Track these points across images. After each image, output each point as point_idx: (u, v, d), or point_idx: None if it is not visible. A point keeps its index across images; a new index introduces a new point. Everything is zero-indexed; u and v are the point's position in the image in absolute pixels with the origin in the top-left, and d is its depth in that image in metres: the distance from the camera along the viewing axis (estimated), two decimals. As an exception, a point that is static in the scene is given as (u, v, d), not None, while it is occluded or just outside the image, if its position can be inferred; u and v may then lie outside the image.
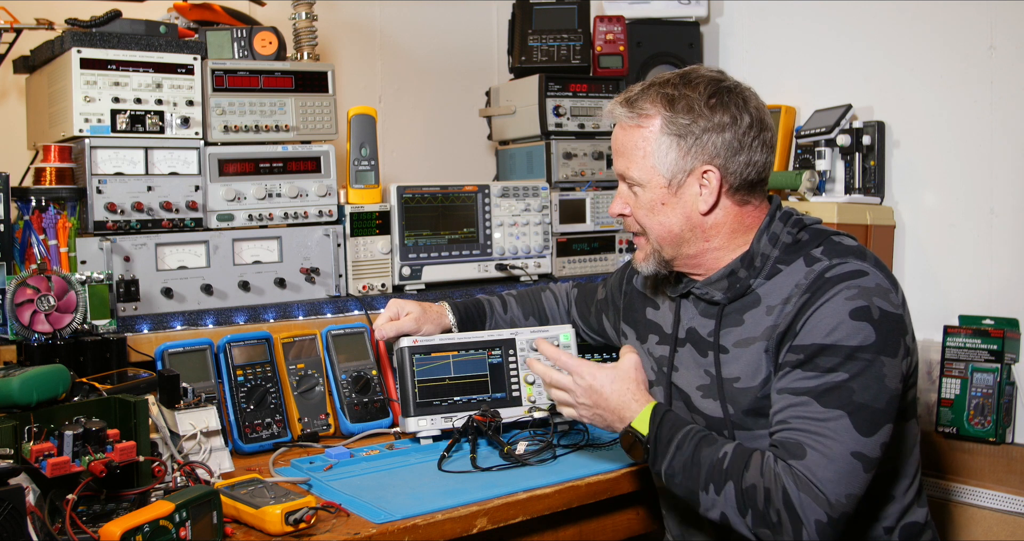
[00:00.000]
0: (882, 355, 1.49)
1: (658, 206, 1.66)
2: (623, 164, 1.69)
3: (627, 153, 1.68)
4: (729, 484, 1.50)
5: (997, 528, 2.31)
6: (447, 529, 1.56)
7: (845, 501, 1.44)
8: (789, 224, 1.68)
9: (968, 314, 2.50)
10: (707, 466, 1.53)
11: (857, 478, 1.46)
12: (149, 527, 1.26)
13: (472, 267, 2.62)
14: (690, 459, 1.55)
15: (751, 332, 1.63)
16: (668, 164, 1.63)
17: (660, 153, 1.63)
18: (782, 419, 1.52)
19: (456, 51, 3.44)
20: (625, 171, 1.69)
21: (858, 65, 2.81)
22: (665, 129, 1.63)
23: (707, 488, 1.52)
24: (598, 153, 2.95)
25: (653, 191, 1.66)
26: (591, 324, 2.18)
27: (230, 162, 2.29)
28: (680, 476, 1.56)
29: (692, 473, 1.54)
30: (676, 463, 1.56)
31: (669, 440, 1.58)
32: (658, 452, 1.59)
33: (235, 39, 2.34)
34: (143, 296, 2.12)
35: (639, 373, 1.71)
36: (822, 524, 1.43)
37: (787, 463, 1.47)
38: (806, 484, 1.44)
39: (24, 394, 1.42)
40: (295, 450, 1.97)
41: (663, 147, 1.63)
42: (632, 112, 1.66)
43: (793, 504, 1.44)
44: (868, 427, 1.47)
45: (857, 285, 1.53)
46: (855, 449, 1.46)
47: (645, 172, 1.66)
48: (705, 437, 1.58)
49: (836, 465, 1.45)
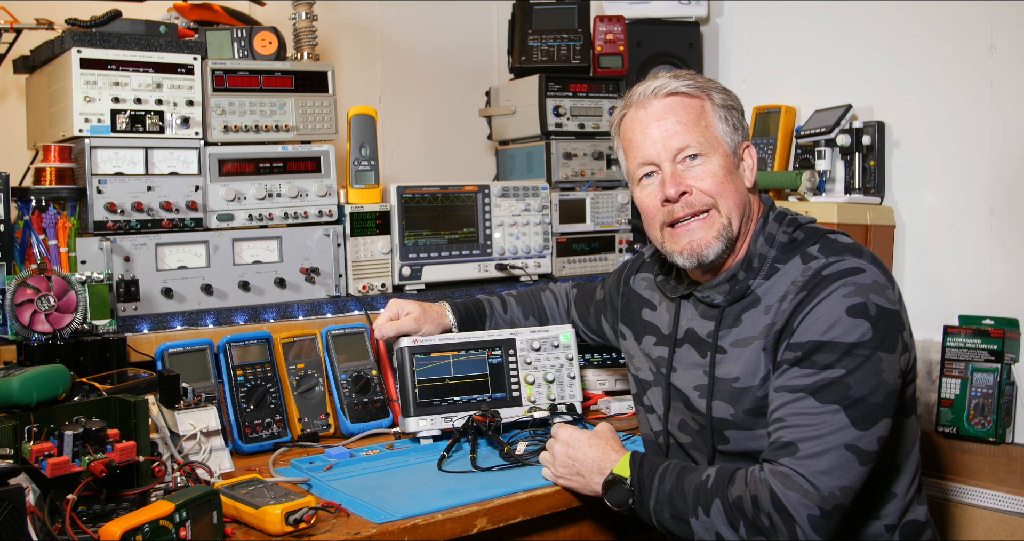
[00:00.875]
0: (880, 351, 1.50)
1: (729, 173, 1.67)
2: (686, 136, 1.66)
3: (689, 124, 1.66)
4: (716, 502, 1.50)
5: (997, 528, 2.31)
6: (447, 529, 1.56)
7: (839, 493, 1.44)
8: (784, 224, 1.69)
9: (968, 314, 2.50)
10: (692, 491, 1.53)
11: (851, 471, 1.45)
12: (149, 527, 1.26)
13: (472, 267, 2.62)
14: (674, 488, 1.56)
15: (749, 332, 1.63)
16: (728, 134, 1.69)
17: (722, 124, 1.68)
18: (779, 417, 1.52)
19: (456, 51, 3.44)
20: (691, 141, 1.66)
21: (858, 65, 2.80)
22: (721, 101, 1.69)
23: (696, 512, 1.52)
24: (598, 153, 2.95)
25: (722, 158, 1.67)
26: (590, 324, 2.19)
27: (230, 162, 2.29)
28: (668, 509, 1.56)
29: (679, 502, 1.55)
30: (661, 496, 1.57)
31: (651, 477, 1.59)
32: (643, 492, 1.60)
33: (235, 39, 2.34)
34: (143, 296, 2.12)
35: (614, 435, 1.76)
36: (815, 518, 1.43)
37: (773, 464, 1.48)
38: (793, 482, 1.44)
39: (24, 394, 1.42)
40: (295, 450, 1.97)
41: (720, 118, 1.68)
42: (686, 85, 1.68)
43: (782, 503, 1.44)
44: (864, 421, 1.47)
45: (854, 282, 1.53)
46: (849, 442, 1.46)
47: (712, 140, 1.67)
48: (685, 467, 1.59)
49: (829, 457, 1.45)
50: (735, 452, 1.65)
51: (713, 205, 1.66)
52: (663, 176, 1.67)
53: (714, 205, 1.66)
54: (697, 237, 1.66)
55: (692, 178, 1.66)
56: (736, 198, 1.67)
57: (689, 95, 1.68)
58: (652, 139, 1.68)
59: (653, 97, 1.69)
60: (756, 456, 1.59)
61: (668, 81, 1.69)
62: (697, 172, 1.66)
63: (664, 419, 1.78)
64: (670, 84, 1.68)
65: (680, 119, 1.67)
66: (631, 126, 1.72)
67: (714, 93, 1.70)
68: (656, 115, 1.68)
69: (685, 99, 1.68)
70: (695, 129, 1.66)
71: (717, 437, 1.66)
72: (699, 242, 1.66)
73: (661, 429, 1.79)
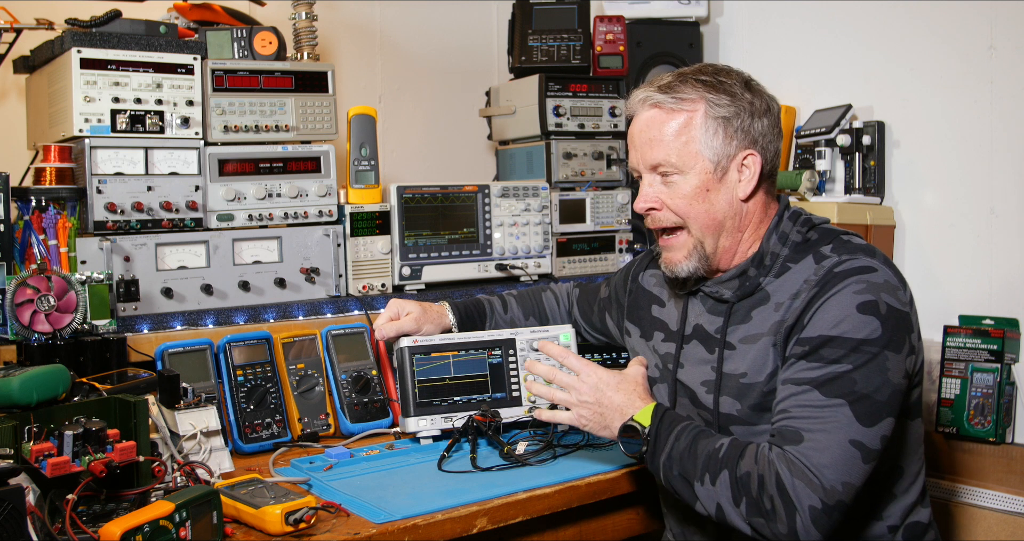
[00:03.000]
0: (887, 350, 1.50)
1: (703, 193, 1.64)
2: (659, 152, 1.64)
3: (665, 140, 1.63)
4: (724, 473, 1.50)
5: (997, 528, 2.31)
6: (447, 529, 1.56)
7: (841, 488, 1.44)
8: (798, 223, 1.69)
9: (968, 314, 2.50)
10: (703, 456, 1.54)
11: (854, 467, 1.45)
12: (149, 527, 1.26)
13: (472, 267, 2.62)
14: (687, 449, 1.56)
15: (758, 328, 1.64)
16: (715, 148, 1.62)
17: (706, 137, 1.62)
18: (783, 408, 1.53)
19: (456, 51, 3.44)
20: (663, 159, 1.64)
21: (858, 65, 2.81)
22: (710, 112, 1.62)
23: (703, 478, 1.52)
24: (598, 153, 2.95)
25: (698, 177, 1.63)
26: (593, 323, 2.19)
27: (230, 162, 2.29)
28: (677, 467, 1.56)
29: (688, 463, 1.55)
30: (674, 453, 1.57)
31: (668, 432, 1.60)
32: (657, 444, 1.60)
33: (235, 39, 2.34)
34: (143, 296, 2.12)
35: (644, 381, 1.75)
36: (816, 510, 1.43)
37: (782, 449, 1.48)
38: (800, 470, 1.44)
39: (24, 394, 1.42)
40: (295, 450, 1.97)
41: (709, 131, 1.62)
42: (674, 97, 1.64)
43: (787, 489, 1.44)
44: (868, 417, 1.47)
45: (865, 280, 1.54)
46: (853, 437, 1.46)
47: (688, 158, 1.63)
48: (703, 431, 1.59)
49: (833, 451, 1.45)
50: None
51: (682, 224, 1.66)
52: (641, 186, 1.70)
53: (683, 225, 1.66)
54: (669, 255, 1.71)
55: (664, 195, 1.66)
56: (707, 218, 1.64)
57: (672, 109, 1.64)
58: (635, 147, 1.70)
59: (641, 105, 1.69)
60: None
61: (652, 93, 1.66)
62: (670, 190, 1.66)
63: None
64: (654, 97, 1.65)
65: (656, 134, 1.65)
66: (630, 128, 1.73)
67: (710, 104, 1.62)
68: (640, 125, 1.68)
69: (664, 113, 1.65)
70: (671, 145, 1.63)
71: (722, 432, 1.67)
72: (670, 259, 1.70)
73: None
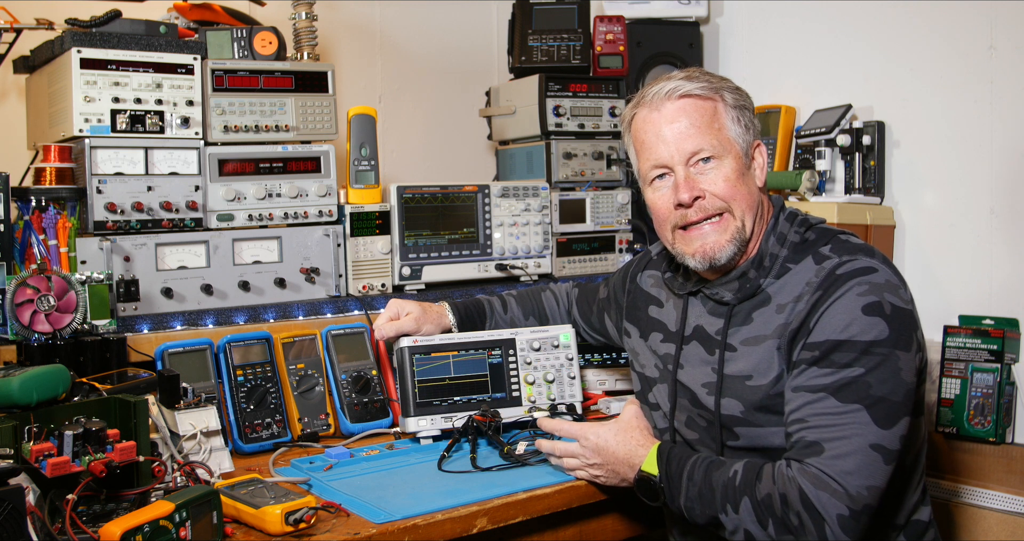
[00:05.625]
0: (897, 349, 1.50)
1: (741, 176, 1.67)
2: (699, 139, 1.66)
3: (703, 127, 1.66)
4: (744, 499, 1.50)
5: (997, 528, 2.31)
6: (447, 529, 1.56)
7: (867, 493, 1.44)
8: (796, 224, 1.69)
9: (968, 314, 2.50)
10: (720, 488, 1.54)
11: (878, 470, 1.45)
12: (149, 527, 1.26)
13: (472, 267, 2.62)
14: (703, 486, 1.56)
15: (761, 330, 1.63)
16: (740, 135, 1.68)
17: (733, 125, 1.68)
18: (799, 417, 1.52)
19: (456, 51, 3.44)
20: (706, 144, 1.65)
21: (858, 65, 2.80)
22: (733, 101, 1.69)
23: (725, 509, 1.53)
24: (598, 153, 2.95)
25: (735, 161, 1.67)
26: (592, 323, 2.19)
27: (230, 162, 2.29)
28: (698, 506, 1.57)
29: (708, 499, 1.55)
30: (692, 494, 1.57)
31: (680, 474, 1.60)
32: (672, 488, 1.61)
33: (235, 39, 2.34)
34: (143, 296, 2.12)
35: (641, 421, 1.77)
36: (844, 518, 1.43)
37: (802, 463, 1.47)
38: (823, 481, 1.44)
39: (24, 394, 1.42)
40: (295, 450, 1.97)
41: (732, 119, 1.68)
42: (700, 86, 1.67)
43: (812, 503, 1.44)
44: (887, 419, 1.47)
45: (868, 281, 1.54)
46: (874, 441, 1.46)
47: (725, 143, 1.67)
48: (713, 462, 1.59)
49: (855, 458, 1.45)
50: (744, 447, 1.65)
51: (726, 208, 1.66)
52: (676, 180, 1.67)
53: (727, 208, 1.66)
54: (710, 241, 1.67)
55: (705, 182, 1.66)
56: (748, 199, 1.67)
57: (703, 97, 1.67)
58: (665, 142, 1.68)
59: (667, 99, 1.68)
60: (765, 451, 1.60)
61: (682, 83, 1.68)
62: (711, 176, 1.66)
63: (670, 416, 1.78)
64: (684, 86, 1.67)
65: (693, 122, 1.66)
66: (643, 127, 1.71)
67: (726, 93, 1.69)
68: (669, 117, 1.67)
69: (698, 101, 1.67)
70: (708, 132, 1.66)
71: (726, 433, 1.67)
72: (712, 246, 1.67)
73: (667, 426, 1.79)
